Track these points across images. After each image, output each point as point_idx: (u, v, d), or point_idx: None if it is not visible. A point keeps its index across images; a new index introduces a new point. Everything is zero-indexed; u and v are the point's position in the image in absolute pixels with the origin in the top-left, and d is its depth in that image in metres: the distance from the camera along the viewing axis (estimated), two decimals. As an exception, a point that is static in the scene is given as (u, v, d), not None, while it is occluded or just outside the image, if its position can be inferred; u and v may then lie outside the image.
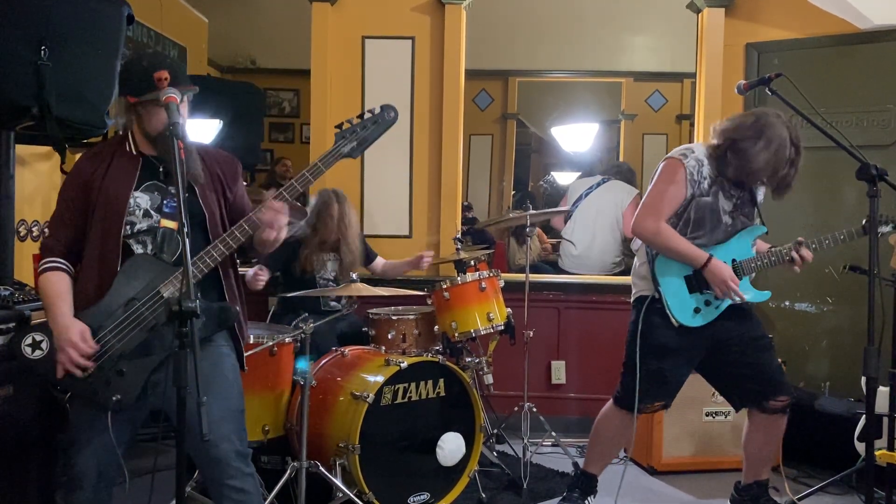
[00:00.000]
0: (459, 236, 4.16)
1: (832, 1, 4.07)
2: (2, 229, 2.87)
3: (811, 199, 4.13)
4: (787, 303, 4.23)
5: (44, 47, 2.58)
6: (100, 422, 2.15)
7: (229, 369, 2.31)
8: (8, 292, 2.62)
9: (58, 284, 2.18)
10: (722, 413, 3.78)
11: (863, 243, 2.56)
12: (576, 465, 3.63)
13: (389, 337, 3.45)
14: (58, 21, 2.64)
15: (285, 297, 3.73)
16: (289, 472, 2.96)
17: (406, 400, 3.16)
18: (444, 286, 3.47)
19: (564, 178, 6.91)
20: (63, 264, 2.22)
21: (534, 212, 3.91)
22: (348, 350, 3.39)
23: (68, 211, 2.23)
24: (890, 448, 2.94)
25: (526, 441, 3.66)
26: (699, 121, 4.46)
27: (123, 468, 2.20)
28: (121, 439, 2.19)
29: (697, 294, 2.85)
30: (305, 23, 4.57)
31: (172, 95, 2.04)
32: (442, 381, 3.24)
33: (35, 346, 2.15)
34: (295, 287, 3.56)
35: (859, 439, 3.37)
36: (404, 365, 3.11)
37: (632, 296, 3.00)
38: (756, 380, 2.93)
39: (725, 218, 2.87)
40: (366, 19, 4.56)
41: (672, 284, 2.84)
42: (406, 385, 3.15)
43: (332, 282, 3.87)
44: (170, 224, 2.22)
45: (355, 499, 2.95)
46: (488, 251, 4.35)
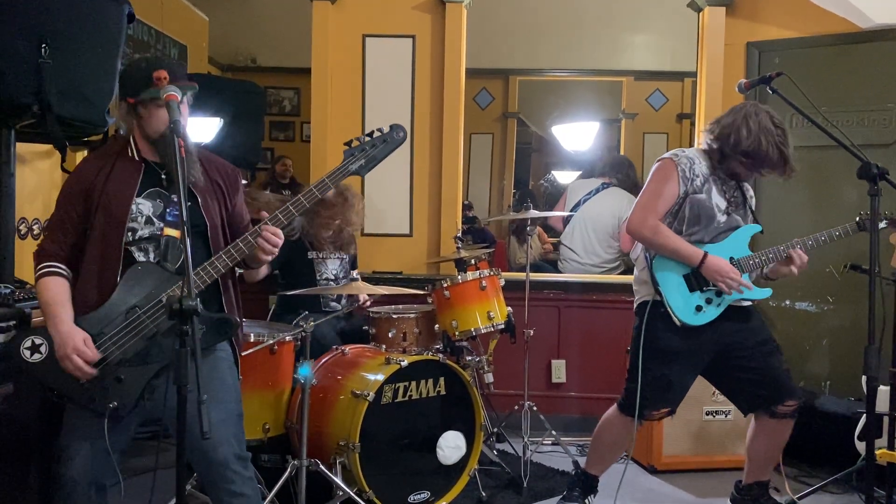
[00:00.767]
0: (460, 235, 4.16)
1: (833, 0, 4.07)
2: (2, 227, 2.86)
3: (812, 198, 4.13)
4: (787, 302, 4.23)
5: (44, 45, 2.58)
6: (95, 428, 2.14)
7: (227, 373, 2.31)
8: (8, 290, 2.62)
9: (57, 290, 2.17)
10: (722, 412, 3.78)
11: (864, 242, 2.56)
12: (576, 463, 3.64)
13: (390, 335, 3.45)
14: (58, 19, 2.64)
15: (285, 297, 3.73)
16: (289, 470, 2.96)
17: (406, 398, 3.16)
18: (445, 285, 3.47)
19: (565, 177, 6.91)
20: (62, 269, 2.20)
21: (535, 213, 3.90)
22: (349, 348, 3.39)
23: (68, 215, 2.22)
24: (890, 447, 2.95)
25: (526, 440, 3.66)
26: (700, 120, 4.45)
27: (118, 474, 2.20)
28: (116, 445, 2.18)
29: (698, 292, 2.84)
30: (306, 21, 4.57)
31: (173, 93, 2.04)
32: (442, 379, 3.24)
33: (34, 349, 2.14)
34: (295, 285, 3.55)
35: (860, 438, 3.37)
36: (405, 363, 3.11)
37: (634, 302, 2.99)
38: (763, 385, 2.91)
39: (720, 215, 2.87)
40: (366, 18, 4.56)
41: (672, 284, 2.84)
42: (406, 383, 3.15)
43: (332, 281, 3.87)
44: (173, 233, 2.22)
45: (356, 497, 2.95)
46: (489, 250, 4.36)
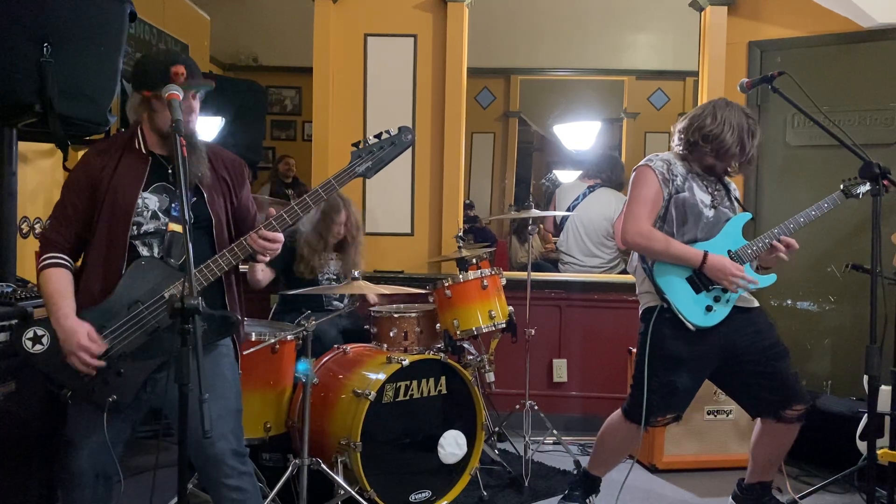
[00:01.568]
0: (461, 234, 4.16)
1: (835, -1, 4.07)
2: (4, 226, 2.87)
3: (813, 198, 4.07)
4: (788, 301, 4.23)
5: (46, 44, 2.58)
6: (97, 420, 2.14)
7: (228, 369, 2.31)
8: (10, 289, 2.63)
9: (60, 282, 2.16)
10: (723, 412, 3.78)
11: (865, 242, 2.56)
12: (577, 463, 3.64)
13: (391, 335, 3.45)
14: (60, 18, 2.64)
15: (287, 296, 3.73)
16: (290, 469, 2.96)
17: (408, 397, 3.16)
18: (446, 284, 3.47)
19: (566, 176, 6.91)
20: (65, 260, 2.20)
21: (536, 213, 3.91)
22: (350, 347, 3.40)
23: (73, 206, 2.21)
24: (892, 447, 2.94)
25: (527, 439, 3.66)
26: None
27: (118, 468, 2.20)
28: (117, 438, 2.18)
29: (704, 292, 2.80)
30: (308, 20, 4.57)
31: (174, 92, 2.04)
32: (443, 378, 3.25)
33: (36, 340, 2.14)
34: (296, 286, 3.56)
35: (861, 438, 3.37)
36: (406, 363, 3.11)
37: (640, 308, 2.96)
38: (772, 389, 2.87)
39: (707, 211, 2.86)
40: (368, 17, 4.56)
41: (677, 289, 2.80)
42: (408, 383, 3.15)
43: (334, 280, 3.87)
44: (177, 228, 2.21)
45: (357, 496, 2.95)
46: (490, 249, 4.36)
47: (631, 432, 2.95)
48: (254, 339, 2.99)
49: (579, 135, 6.38)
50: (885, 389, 3.09)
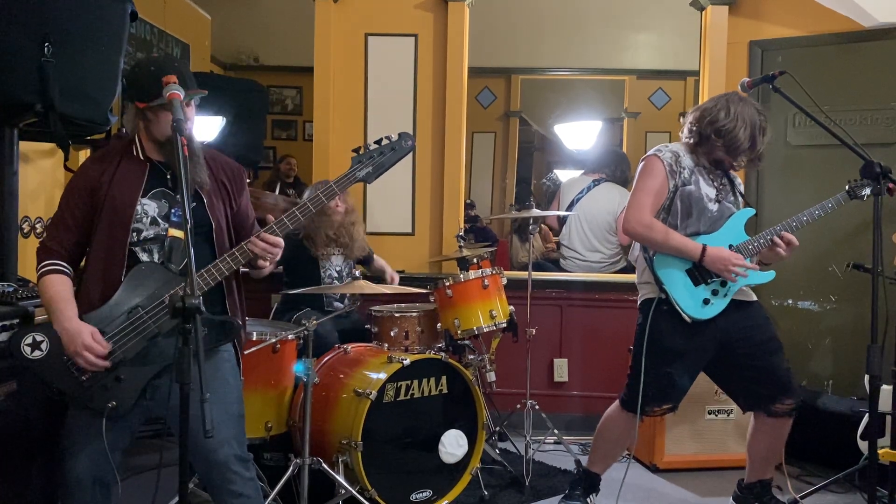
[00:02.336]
0: (462, 234, 4.16)
1: (836, -2, 4.06)
2: (5, 226, 2.87)
3: (815, 197, 4.08)
4: (790, 301, 4.22)
5: (47, 44, 2.57)
6: (95, 426, 2.13)
7: (229, 374, 2.31)
8: (11, 288, 2.63)
9: (60, 287, 2.16)
10: (724, 411, 3.77)
11: (866, 241, 2.56)
12: (578, 462, 3.64)
13: (392, 334, 3.45)
14: (61, 18, 2.64)
15: (289, 296, 3.73)
16: (291, 468, 2.96)
17: (409, 397, 3.16)
18: (447, 283, 3.47)
19: (567, 175, 6.90)
20: (64, 267, 2.20)
21: (537, 212, 3.91)
22: (351, 347, 3.40)
23: (71, 214, 2.21)
24: (893, 446, 2.93)
25: (528, 438, 3.66)
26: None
27: (116, 475, 2.20)
28: (116, 445, 2.17)
29: (703, 285, 2.82)
30: (309, 20, 4.57)
31: (176, 92, 2.03)
32: (444, 378, 3.25)
33: (35, 346, 2.13)
34: (299, 284, 3.56)
35: (862, 438, 3.37)
36: (407, 362, 3.11)
37: (638, 299, 2.98)
38: (763, 383, 2.90)
39: (711, 205, 2.86)
40: (369, 16, 4.56)
41: (676, 281, 2.82)
42: (409, 382, 3.15)
43: (336, 279, 3.87)
44: (177, 233, 2.21)
45: (358, 495, 2.95)
46: (491, 249, 4.36)
47: (628, 423, 2.98)
48: (255, 338, 2.99)
49: (580, 134, 6.38)
50: (886, 389, 3.08)
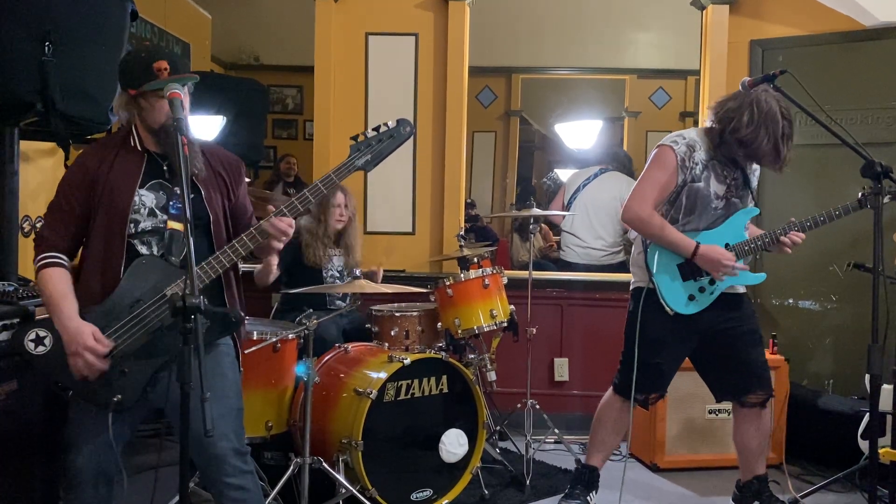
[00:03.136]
0: (463, 233, 4.16)
1: (837, -2, 4.06)
2: (6, 225, 2.87)
3: (815, 196, 4.12)
4: (790, 300, 4.22)
5: (48, 43, 2.58)
6: (99, 421, 2.13)
7: (229, 368, 2.31)
8: (12, 288, 2.63)
9: (60, 282, 2.15)
10: (724, 410, 3.77)
11: (867, 240, 2.55)
12: (578, 461, 3.63)
13: (393, 333, 3.45)
14: (62, 17, 2.64)
15: (290, 296, 3.72)
16: (292, 468, 2.96)
17: (409, 396, 3.16)
18: (448, 283, 3.47)
19: (567, 175, 6.91)
20: (63, 260, 2.18)
21: (538, 211, 3.91)
22: (351, 346, 3.39)
23: (69, 205, 2.19)
24: (893, 446, 2.93)
25: (529, 438, 3.66)
26: (703, 118, 4.44)
27: (121, 467, 2.20)
28: (119, 438, 2.18)
29: (691, 281, 2.87)
30: (309, 19, 4.57)
31: (176, 91, 2.03)
32: (445, 377, 3.25)
33: (38, 341, 2.13)
34: (300, 284, 3.55)
35: (863, 437, 3.37)
36: (407, 361, 3.11)
37: (630, 285, 3.02)
38: (739, 373, 2.96)
39: (716, 202, 2.87)
40: (369, 16, 4.56)
41: (666, 273, 2.86)
42: (409, 381, 3.15)
43: (338, 278, 3.87)
44: (177, 226, 2.20)
45: (358, 495, 2.95)
46: (492, 248, 4.35)
47: (623, 407, 3.02)
48: (255, 337, 2.99)
49: (580, 133, 6.38)
50: (886, 388, 3.08)
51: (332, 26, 4.53)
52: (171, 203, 2.22)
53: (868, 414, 3.25)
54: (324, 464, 2.97)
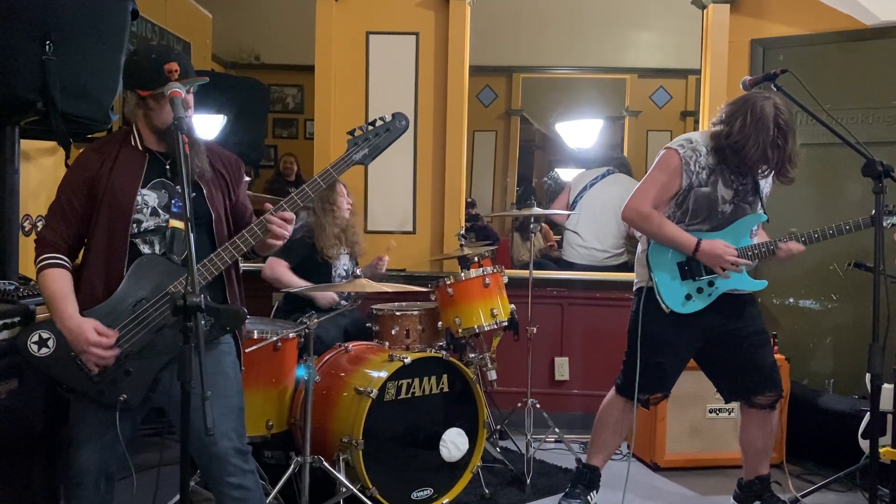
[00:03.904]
0: (463, 232, 4.16)
1: (838, -3, 4.06)
2: (6, 224, 2.87)
3: (816, 196, 4.12)
4: (791, 300, 4.22)
5: (49, 42, 2.57)
6: (103, 420, 2.14)
7: (230, 367, 2.31)
8: (13, 287, 2.63)
9: (60, 282, 2.15)
10: (725, 410, 3.77)
11: (868, 240, 2.55)
12: (579, 461, 3.63)
13: (393, 333, 3.45)
14: (63, 16, 2.64)
15: (292, 295, 3.72)
16: (292, 467, 2.96)
17: (409, 395, 3.16)
18: (448, 282, 3.47)
19: (568, 174, 6.91)
20: (64, 261, 2.18)
21: (538, 210, 3.91)
22: (352, 346, 3.40)
23: (70, 205, 2.19)
24: (894, 445, 2.94)
25: (529, 437, 3.66)
26: (704, 117, 4.45)
27: (130, 464, 2.19)
28: (123, 436, 2.17)
29: (690, 281, 2.87)
30: (310, 18, 4.57)
31: (177, 90, 2.03)
32: (445, 376, 3.25)
33: (42, 343, 2.12)
34: (310, 282, 3.55)
35: (863, 436, 3.37)
36: (408, 360, 3.11)
37: (634, 285, 3.02)
38: (747, 374, 2.95)
39: (724, 207, 2.86)
40: (370, 15, 4.56)
41: (665, 271, 2.87)
42: (409, 381, 3.15)
43: (344, 279, 3.86)
44: (178, 224, 2.20)
45: (359, 494, 2.95)
46: (492, 247, 4.35)
47: (626, 408, 3.03)
48: (256, 336, 2.99)
49: (581, 133, 6.38)
50: (887, 388, 3.09)
51: (333, 25, 4.53)
52: (172, 202, 2.23)
53: (868, 413, 3.25)
54: (324, 463, 2.97)
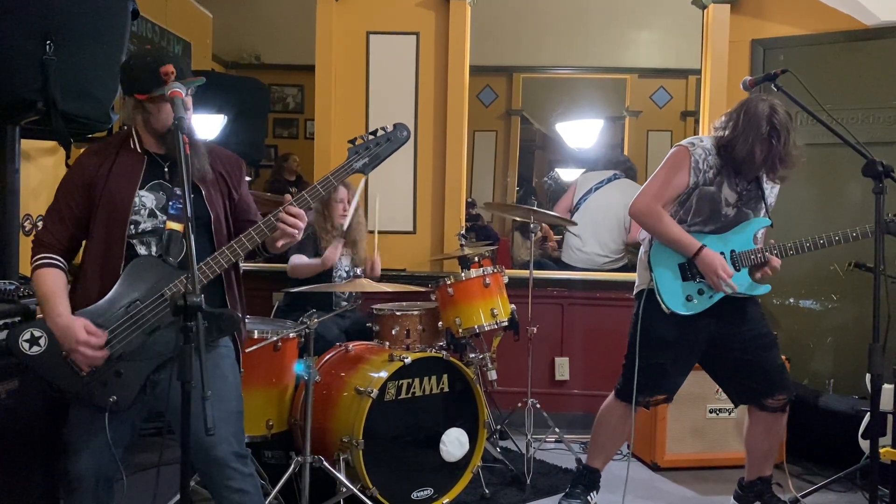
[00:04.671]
0: (463, 232, 4.16)
1: (838, -3, 4.06)
2: (7, 224, 2.87)
3: (816, 196, 4.12)
4: (791, 300, 4.22)
5: (49, 42, 2.58)
6: (97, 423, 2.13)
7: (229, 370, 2.30)
8: (13, 286, 2.63)
9: (54, 282, 2.14)
10: (725, 410, 3.77)
11: (867, 241, 2.55)
12: (579, 461, 3.64)
13: (394, 333, 3.45)
14: (63, 16, 2.64)
15: (293, 295, 3.72)
16: (293, 466, 2.96)
17: (410, 395, 3.16)
18: (449, 282, 3.47)
19: (568, 174, 6.91)
20: (59, 261, 2.18)
21: (541, 211, 3.91)
22: (352, 345, 3.40)
23: (67, 207, 2.20)
24: (894, 445, 2.94)
25: (529, 437, 3.66)
26: (704, 117, 4.45)
27: (121, 469, 2.19)
28: (119, 440, 2.17)
29: (691, 282, 2.86)
30: (310, 18, 4.57)
31: (177, 90, 2.03)
32: (445, 376, 3.25)
33: (33, 341, 2.10)
34: (310, 282, 3.55)
35: (863, 437, 3.37)
36: (408, 360, 3.11)
37: (634, 288, 3.01)
38: (756, 377, 2.93)
39: (727, 209, 2.86)
40: (370, 15, 4.56)
41: (666, 271, 2.86)
42: (410, 380, 3.15)
43: (345, 279, 3.86)
44: (175, 226, 2.20)
45: (359, 494, 2.95)
46: (492, 247, 4.35)
47: (625, 413, 3.01)
48: (256, 336, 2.99)
49: (581, 133, 6.39)
50: (887, 388, 3.08)
51: (333, 25, 4.53)
52: (170, 203, 2.22)
53: (869, 413, 3.25)
54: (324, 463, 2.97)
